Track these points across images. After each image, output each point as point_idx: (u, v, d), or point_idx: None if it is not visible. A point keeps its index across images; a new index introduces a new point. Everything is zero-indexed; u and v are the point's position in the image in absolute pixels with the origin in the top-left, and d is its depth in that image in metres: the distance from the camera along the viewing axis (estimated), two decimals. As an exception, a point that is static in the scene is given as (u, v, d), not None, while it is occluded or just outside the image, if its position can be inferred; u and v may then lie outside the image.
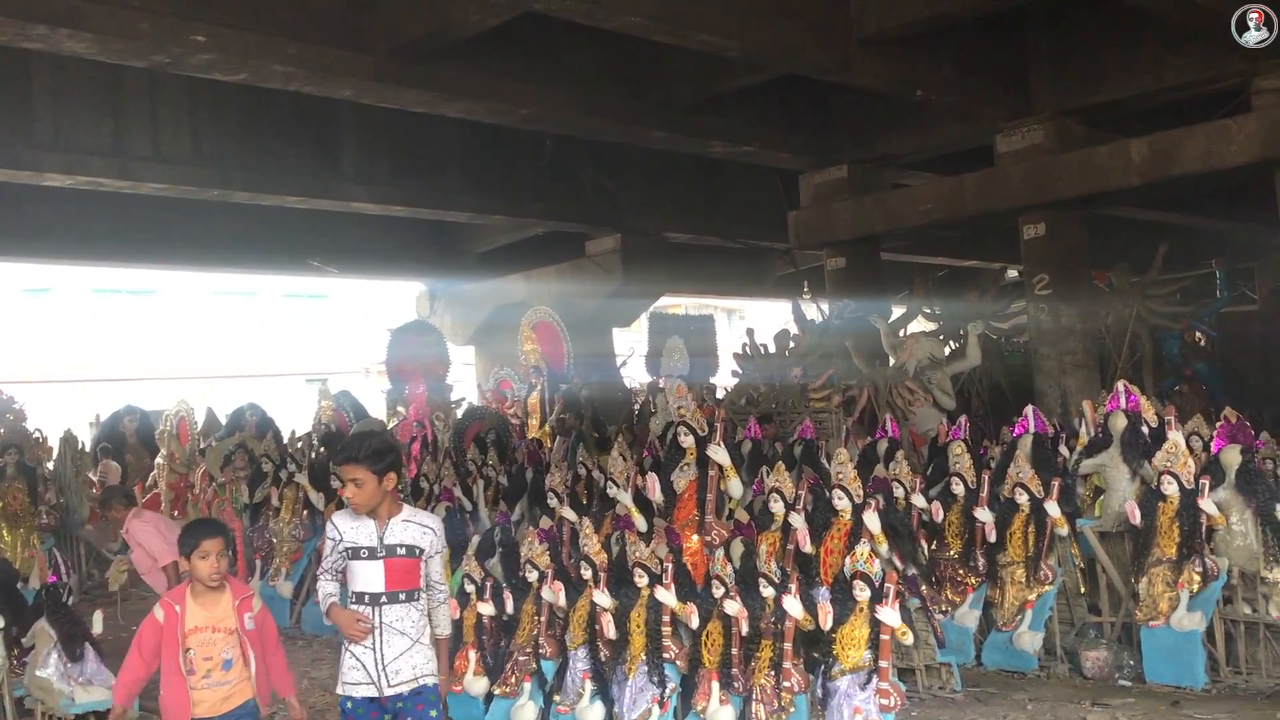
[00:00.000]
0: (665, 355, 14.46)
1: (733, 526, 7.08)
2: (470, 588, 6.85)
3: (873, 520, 6.67)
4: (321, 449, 12.17)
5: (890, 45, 10.14)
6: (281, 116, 12.71)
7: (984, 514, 7.44)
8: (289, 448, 12.09)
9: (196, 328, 30.54)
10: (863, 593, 5.71)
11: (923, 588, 7.06)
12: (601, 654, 6.24)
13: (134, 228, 15.02)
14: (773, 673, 5.85)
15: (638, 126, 12.00)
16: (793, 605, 5.73)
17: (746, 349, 13.45)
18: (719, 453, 7.15)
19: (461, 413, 14.63)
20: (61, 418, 16.28)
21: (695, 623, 6.01)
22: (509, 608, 6.75)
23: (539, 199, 15.43)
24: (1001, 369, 14.78)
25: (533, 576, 6.67)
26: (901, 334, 12.84)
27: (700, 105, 11.91)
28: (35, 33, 7.99)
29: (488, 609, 6.76)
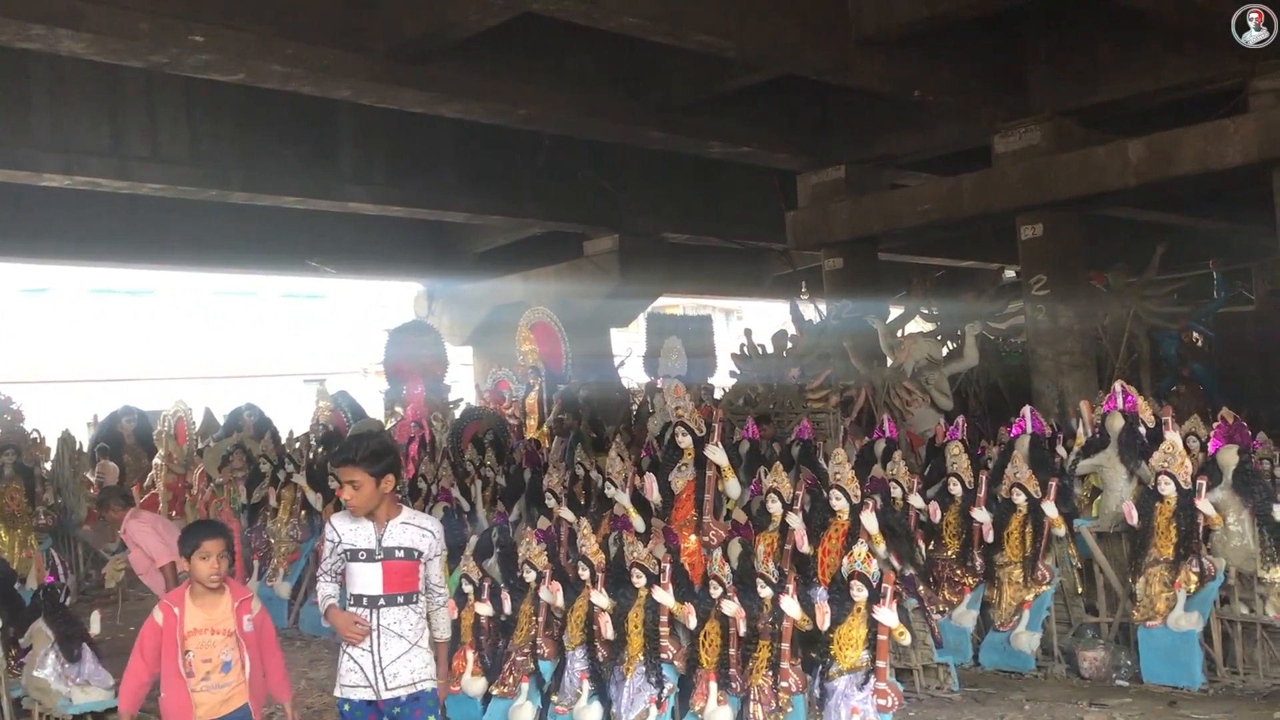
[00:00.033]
0: (663, 355, 14.48)
1: (730, 527, 7.08)
2: (468, 588, 6.85)
3: (870, 520, 6.68)
4: (320, 449, 12.17)
5: (888, 45, 10.15)
6: (279, 117, 12.71)
7: (981, 514, 7.44)
8: (287, 448, 12.09)
9: (194, 328, 30.52)
10: (860, 593, 5.71)
11: (920, 588, 7.07)
12: (599, 654, 6.24)
13: (132, 228, 15.03)
14: (770, 673, 5.85)
15: (636, 127, 12.01)
16: (790, 605, 5.73)
17: (744, 349, 13.47)
18: (717, 453, 7.15)
19: (459, 413, 14.64)
20: (59, 418, 16.28)
21: (693, 623, 6.02)
22: (507, 608, 6.75)
23: (537, 199, 15.43)
24: (999, 369, 14.78)
25: (530, 577, 6.67)
26: (899, 334, 12.84)
27: (698, 105, 11.92)
28: (33, 33, 7.99)
29: (485, 609, 6.76)
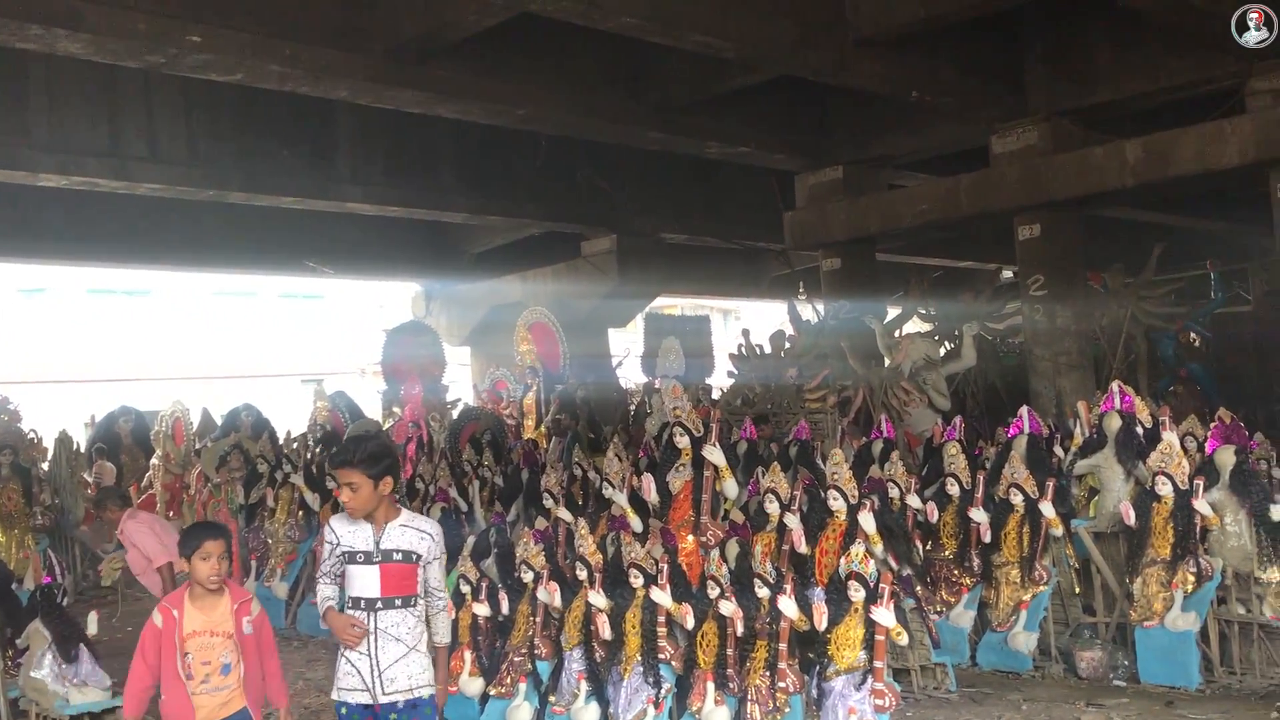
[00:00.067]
0: (661, 356, 14.48)
1: (728, 527, 7.07)
2: (465, 588, 6.85)
3: (868, 521, 6.68)
4: (318, 449, 12.16)
5: (886, 46, 10.14)
6: (277, 117, 12.69)
7: (979, 514, 7.45)
8: (284, 448, 12.09)
9: (192, 328, 30.50)
10: (858, 593, 5.71)
11: (918, 588, 7.08)
12: (597, 654, 6.25)
13: (129, 228, 15.01)
14: (768, 673, 5.85)
15: (633, 127, 12.01)
16: (788, 606, 5.73)
17: (742, 349, 13.48)
18: (714, 453, 7.15)
19: (457, 413, 14.64)
20: (57, 418, 16.27)
21: (690, 623, 6.02)
22: (504, 608, 6.76)
23: (535, 199, 15.42)
24: (996, 370, 14.79)
25: (528, 577, 6.67)
26: (897, 335, 12.86)
27: (696, 106, 11.92)
28: (31, 33, 7.98)
29: (483, 610, 6.76)
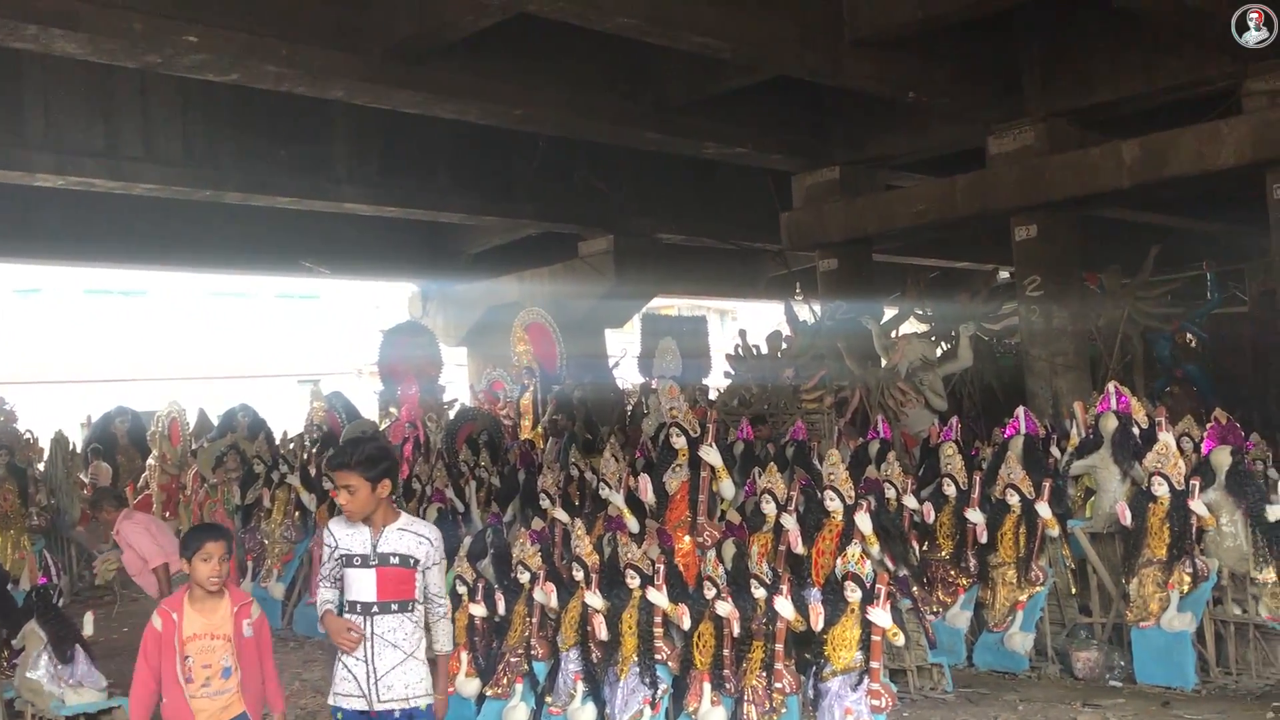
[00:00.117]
0: (658, 356, 14.47)
1: (725, 527, 7.07)
2: (462, 589, 6.84)
3: (864, 521, 6.69)
4: (314, 449, 12.14)
5: (882, 47, 10.15)
6: (274, 117, 12.68)
7: (975, 515, 7.46)
8: (281, 449, 12.07)
9: (188, 329, 30.46)
10: (854, 594, 5.71)
11: (914, 589, 7.08)
12: (593, 655, 6.24)
13: (125, 228, 14.99)
14: (764, 674, 5.84)
15: (631, 127, 12.01)
16: (784, 606, 5.73)
17: (739, 350, 13.47)
18: (711, 454, 7.15)
19: (454, 414, 14.61)
20: (53, 418, 16.25)
21: (687, 624, 6.01)
22: (501, 609, 6.76)
23: (532, 200, 15.42)
24: (993, 370, 14.78)
25: (525, 578, 6.66)
26: (893, 335, 12.86)
27: (693, 106, 11.92)
28: (27, 32, 7.98)
29: (480, 610, 6.76)
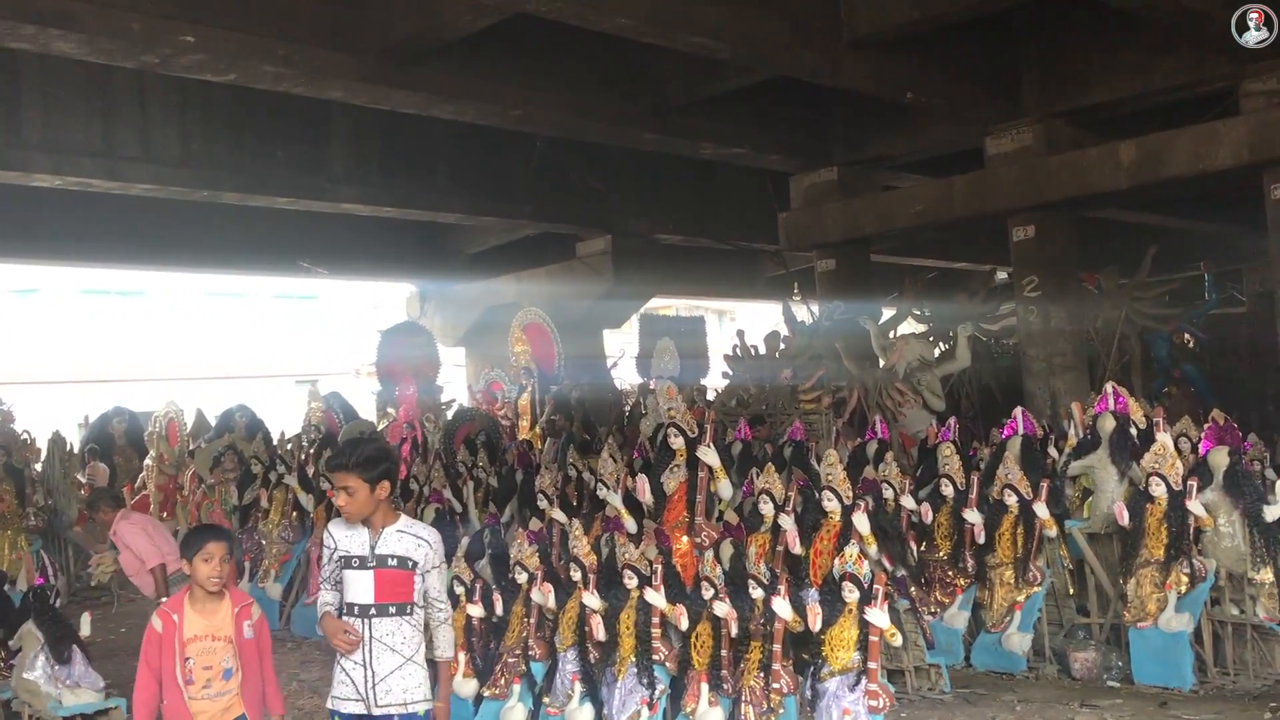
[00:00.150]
0: (656, 357, 14.46)
1: (722, 528, 7.07)
2: (460, 589, 6.83)
3: (862, 522, 6.69)
4: (311, 450, 12.13)
5: (880, 47, 10.15)
6: (271, 118, 12.66)
7: (973, 515, 7.46)
8: (278, 449, 12.06)
9: (186, 329, 30.43)
10: (851, 594, 5.72)
11: (912, 589, 7.08)
12: (591, 656, 6.24)
13: (123, 228, 14.97)
14: (762, 674, 5.85)
15: (628, 128, 12.00)
16: (782, 607, 5.74)
17: (737, 350, 13.48)
18: (709, 454, 7.14)
19: (451, 414, 14.60)
20: (50, 419, 16.25)
21: (684, 624, 6.01)
22: (498, 609, 6.75)
23: (530, 200, 15.42)
24: (991, 371, 14.79)
25: (522, 578, 6.66)
26: (891, 335, 12.86)
27: (691, 107, 11.92)
28: (24, 32, 7.98)
29: (477, 611, 6.75)
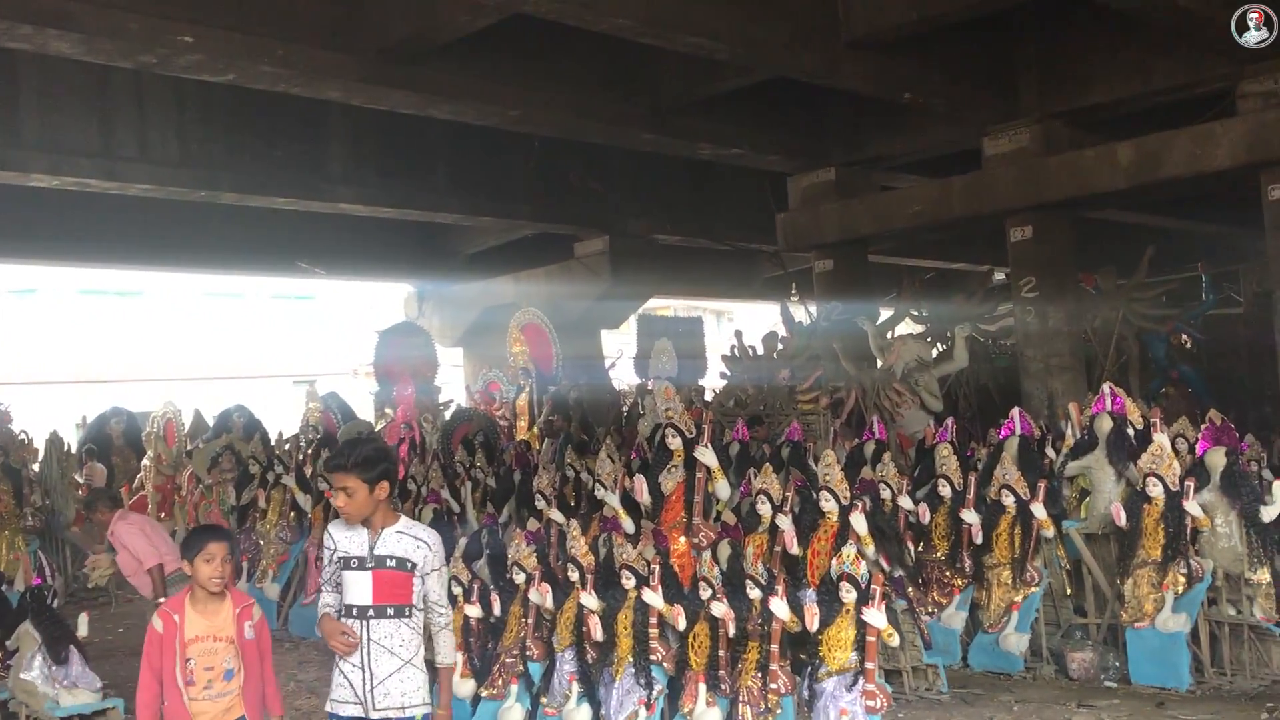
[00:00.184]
0: (654, 357, 14.46)
1: (720, 528, 7.07)
2: (457, 590, 6.82)
3: (859, 522, 6.70)
4: (309, 450, 12.13)
5: (878, 48, 10.15)
6: (269, 118, 12.65)
7: (970, 516, 7.47)
8: (276, 450, 12.06)
9: (184, 329, 30.41)
10: (849, 594, 5.72)
11: (909, 589, 7.10)
12: (588, 656, 6.24)
13: (120, 229, 14.96)
14: (759, 674, 5.85)
15: (626, 128, 12.00)
16: (779, 607, 5.74)
17: (735, 351, 13.49)
18: (706, 455, 7.15)
19: (449, 414, 14.62)
20: (48, 419, 16.23)
21: (682, 624, 6.02)
22: (496, 610, 6.75)
23: (528, 200, 15.41)
24: (988, 371, 14.81)
25: (520, 578, 6.67)
26: (889, 336, 12.86)
27: (689, 107, 11.92)
28: (21, 32, 7.96)
29: (475, 611, 6.76)
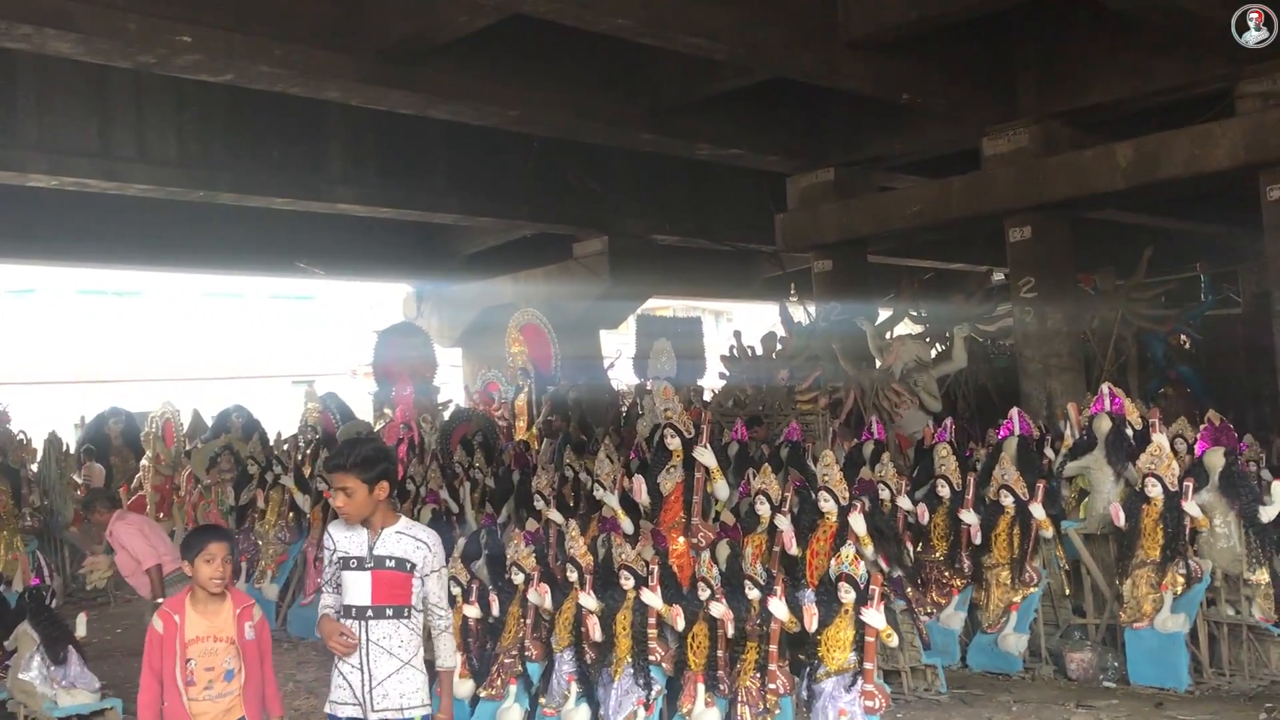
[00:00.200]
0: (652, 357, 14.46)
1: (719, 528, 7.08)
2: (456, 590, 6.83)
3: (858, 522, 6.69)
4: (307, 450, 12.14)
5: (877, 48, 10.15)
6: (268, 118, 12.65)
7: (969, 516, 7.47)
8: (275, 450, 12.06)
9: (183, 329, 30.39)
10: (848, 595, 5.72)
11: (908, 590, 7.09)
12: (587, 656, 6.24)
13: (119, 229, 14.96)
14: (758, 675, 5.85)
15: (625, 128, 12.00)
16: (778, 607, 5.74)
17: (734, 351, 13.49)
18: (705, 455, 7.15)
19: (448, 415, 14.62)
20: (47, 419, 16.21)
21: (681, 625, 6.02)
22: (495, 610, 6.75)
23: (526, 201, 15.41)
24: (987, 371, 14.81)
25: (519, 579, 6.67)
26: (888, 336, 12.86)
27: (688, 107, 11.92)
28: (20, 32, 7.96)
29: (473, 611, 6.76)
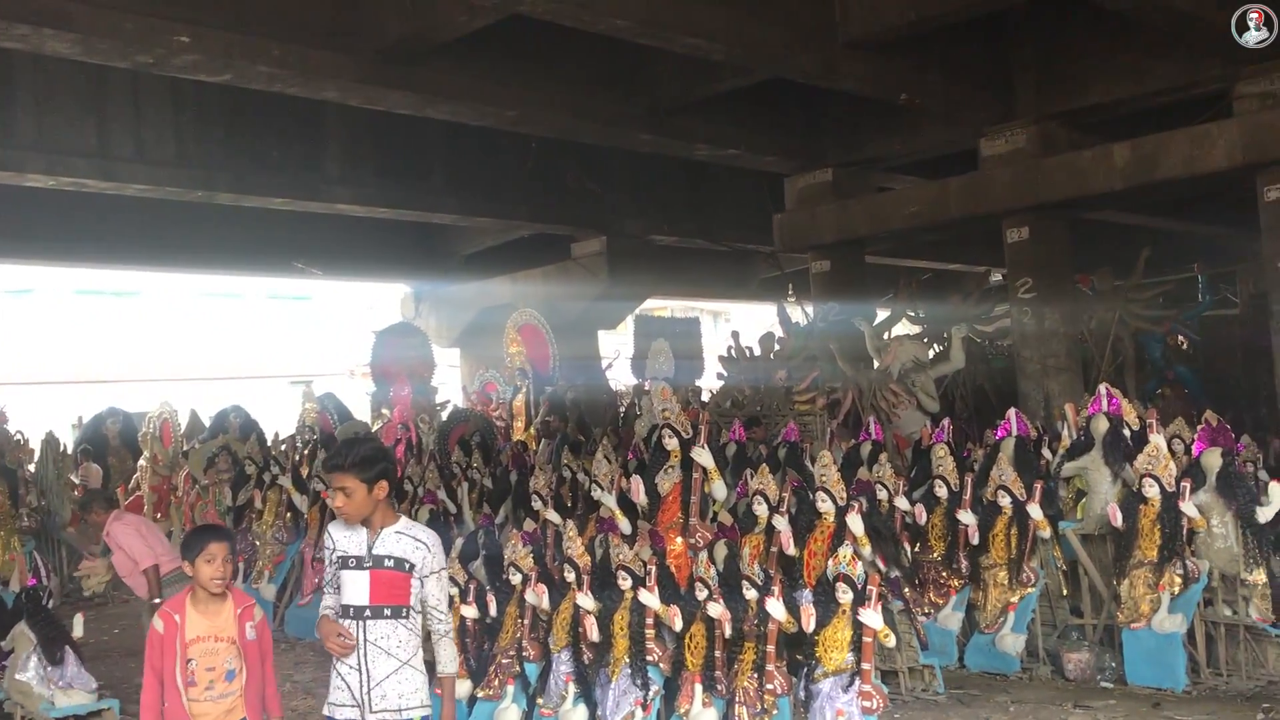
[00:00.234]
0: (650, 358, 14.47)
1: (716, 529, 7.08)
2: (454, 590, 6.83)
3: (856, 523, 6.69)
4: (305, 450, 12.13)
5: (875, 49, 10.15)
6: (266, 118, 12.64)
7: (967, 516, 7.47)
8: (272, 450, 12.05)
9: (180, 330, 30.37)
10: (845, 595, 5.72)
11: (905, 590, 7.10)
12: (585, 656, 6.24)
13: (117, 229, 14.95)
14: (756, 675, 5.85)
15: (624, 129, 12.00)
16: (775, 608, 5.74)
17: (731, 352, 13.48)
18: (703, 455, 7.15)
19: (446, 415, 14.62)
20: (44, 420, 16.20)
21: (678, 625, 6.01)
22: (492, 610, 6.75)
23: (524, 201, 15.41)
24: (985, 372, 14.82)
25: (516, 579, 6.67)
26: (886, 337, 12.87)
27: (686, 108, 11.92)
28: (17, 32, 7.95)
29: (471, 611, 6.75)
